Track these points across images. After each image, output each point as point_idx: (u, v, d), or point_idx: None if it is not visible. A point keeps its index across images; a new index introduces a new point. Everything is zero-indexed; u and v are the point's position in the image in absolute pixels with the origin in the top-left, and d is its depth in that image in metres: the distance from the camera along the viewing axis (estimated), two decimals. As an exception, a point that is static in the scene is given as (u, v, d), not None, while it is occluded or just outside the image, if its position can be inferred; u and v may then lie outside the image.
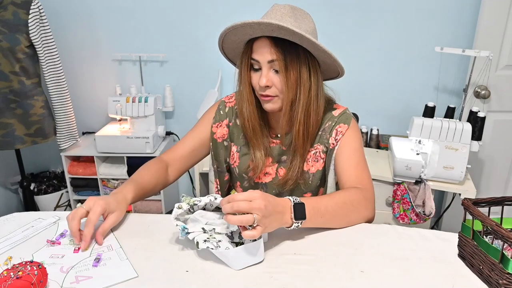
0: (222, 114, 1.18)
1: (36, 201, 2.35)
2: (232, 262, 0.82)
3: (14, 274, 0.71)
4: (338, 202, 0.95)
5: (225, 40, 1.04)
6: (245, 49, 1.02)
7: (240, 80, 1.07)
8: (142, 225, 1.00)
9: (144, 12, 2.25)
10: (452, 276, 0.81)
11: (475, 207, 0.80)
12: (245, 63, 1.02)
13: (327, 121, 1.11)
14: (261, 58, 0.99)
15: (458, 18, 2.08)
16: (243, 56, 1.03)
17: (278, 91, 1.02)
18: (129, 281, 0.79)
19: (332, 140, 1.09)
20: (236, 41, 1.03)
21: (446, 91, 2.22)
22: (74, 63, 2.37)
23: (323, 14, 2.16)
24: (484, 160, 2.23)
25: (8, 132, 1.96)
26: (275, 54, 0.96)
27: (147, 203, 2.32)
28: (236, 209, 0.78)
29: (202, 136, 1.18)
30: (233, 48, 1.08)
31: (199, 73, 2.33)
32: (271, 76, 1.00)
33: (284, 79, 0.98)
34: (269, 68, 1.00)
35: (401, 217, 1.84)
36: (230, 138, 1.18)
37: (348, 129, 1.09)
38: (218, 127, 1.17)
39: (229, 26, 0.97)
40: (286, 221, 0.86)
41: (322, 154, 1.11)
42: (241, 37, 1.00)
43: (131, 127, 2.24)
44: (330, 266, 0.84)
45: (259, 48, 0.98)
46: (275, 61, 0.97)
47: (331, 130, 1.10)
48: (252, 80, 1.04)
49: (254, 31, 0.96)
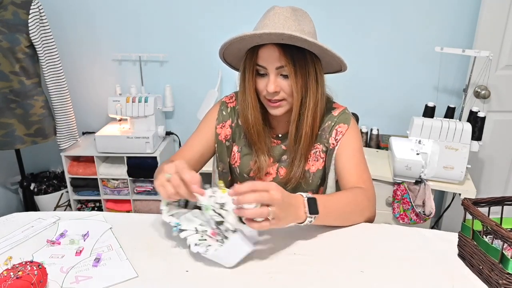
0: (225, 115, 1.17)
1: (36, 201, 2.35)
2: (225, 261, 0.82)
3: (14, 274, 0.71)
4: (344, 201, 0.95)
5: (228, 48, 1.03)
6: (249, 56, 1.00)
7: (244, 86, 1.05)
8: (142, 225, 1.00)
9: (144, 12, 2.25)
10: (452, 276, 0.81)
11: (475, 207, 0.80)
12: (250, 70, 1.01)
13: (327, 121, 1.11)
14: (269, 64, 0.98)
15: (458, 18, 2.08)
16: (248, 63, 1.01)
17: (286, 95, 1.01)
18: (129, 281, 0.79)
19: (332, 140, 1.09)
20: (240, 48, 1.02)
21: (446, 91, 2.22)
22: (74, 63, 2.37)
23: (323, 14, 2.16)
24: (484, 160, 2.23)
25: (8, 132, 1.96)
26: (284, 60, 0.96)
27: (147, 203, 2.32)
28: (259, 199, 0.76)
29: (207, 139, 1.17)
30: (235, 54, 1.07)
31: (199, 73, 2.33)
32: (279, 81, 1.00)
33: (294, 84, 0.98)
34: (277, 74, 0.99)
35: (401, 217, 1.84)
36: (232, 138, 1.18)
37: (348, 129, 1.09)
38: (222, 128, 1.17)
39: (236, 36, 0.94)
40: (300, 216, 0.84)
41: (322, 153, 1.12)
42: (246, 45, 0.99)
43: (131, 127, 2.24)
44: (330, 266, 0.84)
45: (266, 54, 0.97)
46: (283, 67, 0.97)
47: (331, 130, 1.10)
48: (258, 86, 1.03)
49: (262, 39, 0.95)
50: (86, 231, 0.95)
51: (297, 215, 0.84)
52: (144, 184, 2.29)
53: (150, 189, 2.28)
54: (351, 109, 1.55)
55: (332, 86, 1.15)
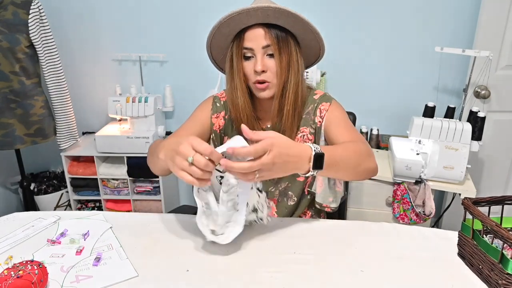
0: (219, 106, 1.19)
1: (36, 201, 2.35)
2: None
3: (15, 273, 0.71)
4: (350, 150, 0.97)
5: (215, 36, 1.08)
6: (236, 40, 1.05)
7: (232, 73, 1.09)
8: (142, 225, 1.00)
9: (144, 12, 2.25)
10: (451, 275, 0.81)
11: (475, 207, 0.80)
12: (238, 53, 1.05)
13: (310, 104, 1.16)
14: (256, 44, 1.03)
15: (458, 18, 2.08)
16: (235, 47, 1.06)
17: (272, 75, 1.06)
18: (129, 281, 0.79)
19: (317, 119, 1.14)
20: (226, 34, 1.06)
21: (446, 91, 2.22)
22: (74, 63, 2.37)
23: (323, 14, 2.16)
24: (484, 160, 2.23)
25: (8, 132, 1.96)
26: (269, 39, 1.02)
27: (147, 203, 2.32)
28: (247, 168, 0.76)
29: (203, 124, 1.17)
30: (221, 44, 1.10)
31: (199, 73, 2.33)
32: (265, 61, 1.04)
33: (278, 62, 1.04)
34: (263, 54, 1.04)
35: (401, 217, 1.84)
36: (225, 130, 1.20)
37: (330, 105, 1.14)
38: (217, 118, 1.19)
39: (225, 15, 1.00)
40: (300, 168, 0.84)
41: (309, 135, 1.16)
42: (233, 28, 1.04)
43: (131, 127, 2.24)
44: (330, 266, 0.84)
45: (252, 35, 1.03)
46: (269, 46, 1.02)
47: (314, 111, 1.15)
48: (246, 69, 1.07)
49: (249, 18, 1.00)
50: (86, 231, 0.96)
51: (295, 168, 0.84)
52: (144, 184, 2.29)
53: (150, 189, 2.28)
54: (351, 108, 1.56)
55: (334, 86, 1.16)
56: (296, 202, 1.21)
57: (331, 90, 2.20)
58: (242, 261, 0.85)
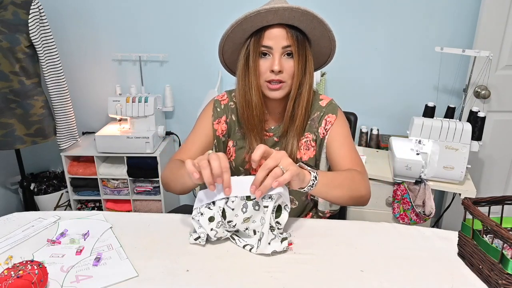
0: (220, 111, 1.19)
1: (36, 201, 2.35)
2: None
3: (15, 273, 0.71)
4: (345, 177, 1.00)
5: (234, 30, 1.04)
6: (255, 37, 1.03)
7: (246, 70, 1.07)
8: (142, 225, 1.00)
9: (144, 12, 2.25)
10: (451, 275, 0.81)
11: (475, 207, 0.80)
12: (256, 50, 1.04)
13: (315, 111, 1.15)
14: (276, 43, 1.02)
15: (458, 18, 2.08)
16: (252, 44, 1.04)
17: (287, 76, 1.05)
18: (129, 281, 0.79)
19: (321, 130, 1.14)
20: (245, 30, 1.04)
21: (446, 91, 2.22)
22: (74, 63, 2.37)
23: (323, 14, 2.15)
24: (484, 160, 2.23)
25: (8, 132, 1.96)
26: (290, 39, 1.02)
27: (147, 203, 2.32)
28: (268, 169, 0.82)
29: (207, 134, 1.18)
30: (236, 40, 1.07)
31: (199, 73, 2.33)
32: (283, 61, 1.04)
33: (297, 64, 1.04)
34: (281, 54, 1.03)
35: (401, 217, 1.84)
36: (228, 133, 1.21)
37: (336, 119, 1.14)
38: (218, 124, 1.19)
39: (252, 10, 0.98)
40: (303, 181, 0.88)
41: (312, 142, 1.16)
42: (255, 24, 1.02)
43: (131, 127, 2.24)
44: (330, 266, 0.84)
45: (273, 34, 1.02)
46: (289, 47, 1.02)
47: (320, 120, 1.15)
48: (261, 68, 1.05)
49: (274, 17, 0.99)
50: (86, 231, 0.96)
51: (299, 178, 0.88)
52: (144, 184, 2.29)
53: (150, 189, 2.28)
54: (351, 108, 1.56)
55: (334, 86, 1.17)
56: (298, 206, 1.21)
57: (331, 90, 2.21)
58: (242, 261, 0.85)
